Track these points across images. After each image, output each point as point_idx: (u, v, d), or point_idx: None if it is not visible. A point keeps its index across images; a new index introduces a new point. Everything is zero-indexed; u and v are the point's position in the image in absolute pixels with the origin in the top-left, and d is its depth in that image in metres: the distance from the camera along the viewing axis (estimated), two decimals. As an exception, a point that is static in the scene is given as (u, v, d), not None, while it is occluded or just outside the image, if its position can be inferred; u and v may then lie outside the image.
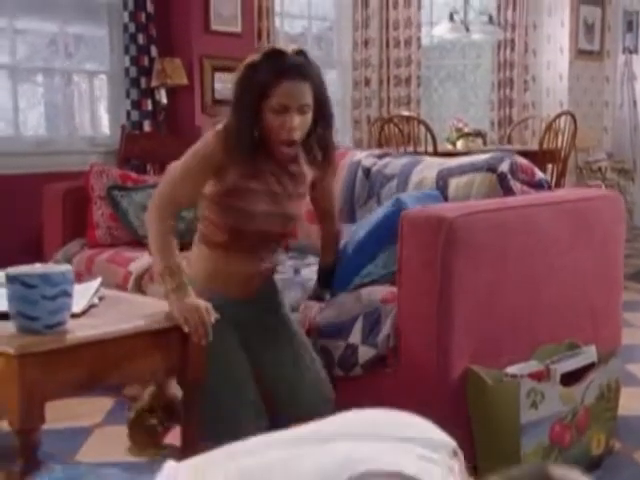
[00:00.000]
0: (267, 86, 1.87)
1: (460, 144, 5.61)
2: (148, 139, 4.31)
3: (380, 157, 2.84)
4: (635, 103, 7.23)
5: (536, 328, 2.19)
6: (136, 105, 4.39)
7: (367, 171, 2.81)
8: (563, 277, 2.27)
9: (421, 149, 5.15)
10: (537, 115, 6.83)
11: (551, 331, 2.23)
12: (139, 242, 3.04)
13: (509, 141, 6.74)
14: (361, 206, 2.79)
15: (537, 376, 2.02)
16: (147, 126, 4.40)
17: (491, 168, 2.41)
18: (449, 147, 5.65)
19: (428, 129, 5.10)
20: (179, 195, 1.94)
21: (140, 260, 2.86)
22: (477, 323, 2.06)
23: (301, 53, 1.92)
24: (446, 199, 2.47)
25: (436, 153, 5.05)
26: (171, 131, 4.53)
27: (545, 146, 5.25)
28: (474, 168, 2.46)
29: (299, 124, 1.90)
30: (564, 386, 2.03)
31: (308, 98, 1.90)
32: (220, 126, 1.95)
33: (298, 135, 1.91)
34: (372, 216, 2.41)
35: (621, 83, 7.23)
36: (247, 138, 1.91)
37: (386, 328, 2.11)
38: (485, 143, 5.84)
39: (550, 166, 5.42)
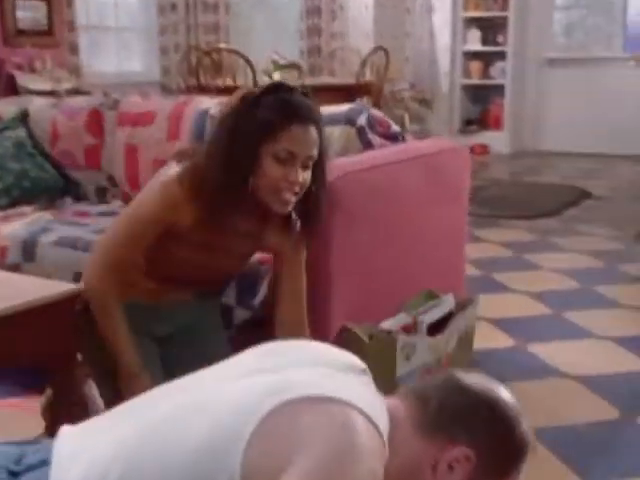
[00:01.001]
0: (273, 127, 1.58)
1: (277, 76, 5.58)
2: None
3: (229, 106, 2.75)
4: (432, 35, 7.55)
5: (402, 283, 2.28)
6: None
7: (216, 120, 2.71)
8: (422, 230, 2.37)
9: (240, 82, 5.07)
10: (345, 46, 6.94)
11: (414, 284, 2.33)
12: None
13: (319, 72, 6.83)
14: (211, 157, 2.70)
15: (407, 329, 2.11)
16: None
17: (350, 121, 2.42)
18: (265, 79, 5.61)
19: (248, 63, 5.02)
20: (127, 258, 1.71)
21: None
22: (351, 283, 2.10)
23: (307, 94, 1.67)
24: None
25: (255, 86, 5.01)
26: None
27: (361, 79, 5.39)
28: (332, 120, 2.44)
29: (302, 178, 1.62)
30: (430, 336, 2.15)
31: (315, 149, 1.64)
32: (179, 169, 1.65)
33: (300, 190, 1.64)
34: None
35: (420, 15, 7.50)
36: (236, 190, 1.62)
37: (262, 290, 2.09)
38: (300, 75, 5.85)
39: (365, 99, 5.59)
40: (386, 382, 2.02)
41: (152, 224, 1.71)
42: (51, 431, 2.01)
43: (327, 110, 2.55)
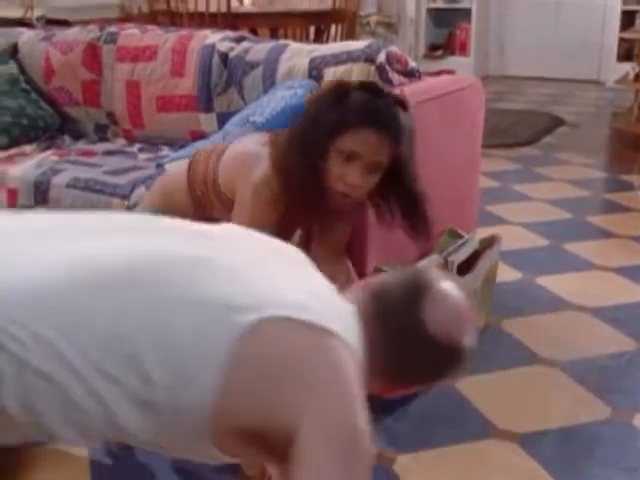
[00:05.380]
0: (346, 124, 1.59)
1: (248, 1, 5.42)
2: None
3: (237, 41, 2.66)
4: (398, -44, 7.39)
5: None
6: None
7: (224, 56, 2.62)
8: (442, 168, 2.37)
9: (214, 8, 4.89)
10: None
11: (438, 222, 2.34)
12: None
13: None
14: (219, 94, 2.63)
15: (439, 269, 2.14)
16: None
17: (369, 58, 2.37)
18: (236, 4, 5.43)
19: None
20: None
21: None
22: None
23: (398, 105, 1.64)
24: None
25: (229, 11, 4.86)
26: None
27: (336, 5, 5.26)
28: (351, 58, 2.40)
29: (361, 182, 1.63)
30: (459, 275, 2.19)
31: (382, 156, 1.63)
32: (266, 170, 1.67)
33: (356, 194, 1.66)
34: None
35: None
36: (310, 174, 1.63)
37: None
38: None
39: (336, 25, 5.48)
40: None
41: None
42: None
43: (343, 47, 2.51)
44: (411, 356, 1.17)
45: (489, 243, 2.32)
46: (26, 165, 2.46)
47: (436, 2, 7.42)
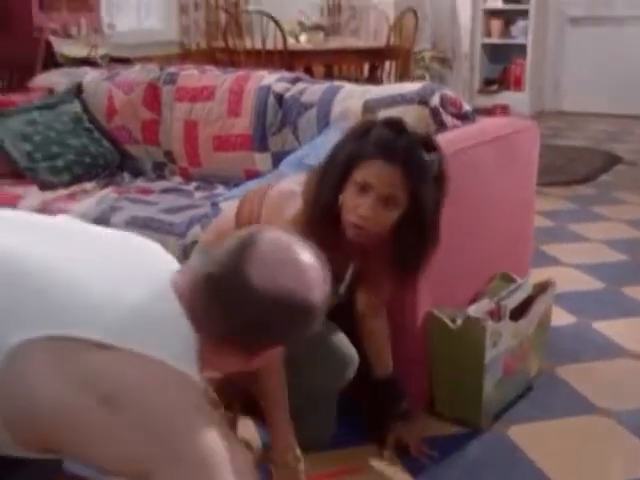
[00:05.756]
0: (363, 156, 1.63)
1: (303, 38, 5.50)
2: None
3: (293, 82, 2.71)
4: (453, -8, 7.42)
5: (479, 265, 2.28)
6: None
7: (279, 97, 2.67)
8: (497, 210, 2.36)
9: (270, 45, 4.98)
10: (371, 5, 6.82)
11: (490, 265, 2.33)
12: (21, 175, 2.73)
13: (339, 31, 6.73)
14: (274, 134, 2.67)
15: (491, 314, 2.12)
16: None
17: (423, 101, 2.39)
18: (292, 41, 5.52)
19: (278, 25, 4.93)
20: None
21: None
22: (436, 268, 2.09)
23: (421, 144, 1.66)
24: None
25: (286, 49, 4.94)
26: (3, 30, 3.99)
27: (390, 43, 5.30)
28: (404, 100, 2.43)
29: (372, 214, 1.63)
30: (511, 320, 2.16)
31: (399, 191, 1.63)
32: (294, 209, 1.71)
33: (369, 226, 1.65)
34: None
35: (441, -29, 7.35)
36: (328, 206, 1.66)
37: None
38: (326, 36, 5.76)
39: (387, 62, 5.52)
40: (474, 369, 2.05)
41: None
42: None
43: (397, 89, 2.54)
44: (249, 317, 1.13)
45: (543, 288, 2.29)
46: (87, 202, 2.53)
47: (491, 37, 7.42)
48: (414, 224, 1.69)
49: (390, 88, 2.55)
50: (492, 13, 7.36)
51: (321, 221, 1.69)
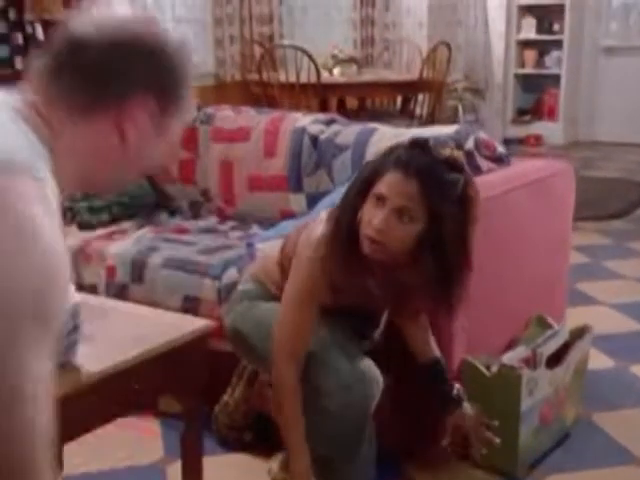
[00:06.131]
0: (381, 170, 1.65)
1: (337, 71, 5.55)
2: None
3: (327, 123, 2.73)
4: (486, 23, 7.44)
5: (515, 308, 2.27)
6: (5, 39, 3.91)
7: (314, 139, 2.70)
8: (532, 253, 2.36)
9: (304, 78, 5.03)
10: (399, 36, 6.87)
11: (526, 309, 2.32)
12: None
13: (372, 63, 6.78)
14: (309, 175, 2.69)
15: (527, 362, 2.10)
16: (19, 63, 3.94)
17: (457, 144, 2.40)
18: (325, 74, 5.57)
19: (311, 59, 4.98)
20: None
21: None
22: (471, 314, 2.09)
23: (445, 164, 1.66)
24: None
25: (319, 82, 4.99)
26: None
27: (423, 75, 5.32)
28: (439, 143, 2.43)
29: (385, 226, 1.61)
30: (548, 368, 2.14)
31: (415, 204, 1.61)
32: (319, 241, 1.72)
33: (382, 239, 1.63)
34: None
35: (474, 2, 7.38)
36: (348, 220, 1.68)
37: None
38: (360, 69, 5.80)
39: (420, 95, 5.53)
40: (510, 417, 2.03)
41: (313, 300, 1.76)
42: None
43: (432, 132, 2.54)
44: (95, 64, 1.04)
45: (580, 334, 2.27)
46: (124, 243, 2.57)
47: (524, 68, 7.41)
48: (436, 245, 1.64)
49: (425, 131, 2.56)
50: (525, 44, 7.37)
51: (344, 239, 1.69)
